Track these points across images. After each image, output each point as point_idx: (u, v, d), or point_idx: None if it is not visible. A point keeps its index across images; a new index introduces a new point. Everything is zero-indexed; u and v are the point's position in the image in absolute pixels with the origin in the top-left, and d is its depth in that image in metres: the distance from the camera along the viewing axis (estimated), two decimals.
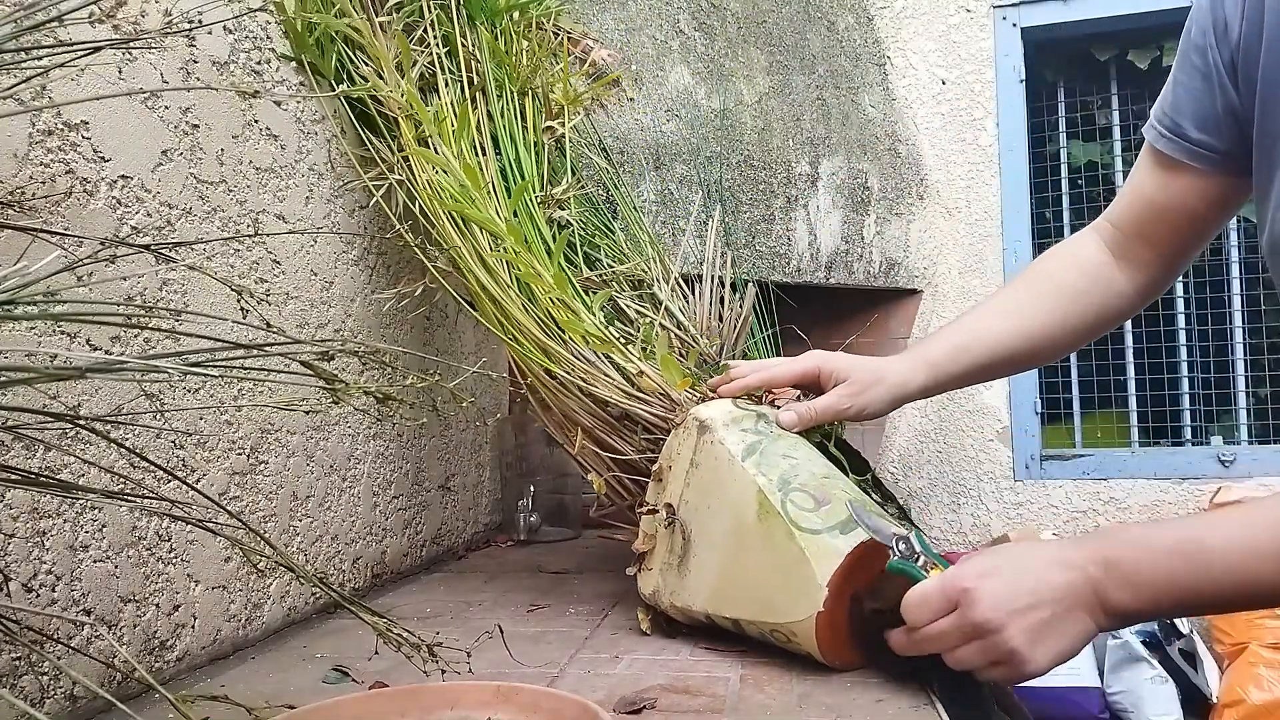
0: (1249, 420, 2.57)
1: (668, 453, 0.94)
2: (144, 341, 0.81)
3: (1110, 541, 0.73)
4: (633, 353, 1.00)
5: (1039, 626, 0.70)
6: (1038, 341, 0.98)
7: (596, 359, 1.00)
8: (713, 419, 0.91)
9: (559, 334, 1.02)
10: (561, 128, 1.24)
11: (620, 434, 1.00)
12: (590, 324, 1.01)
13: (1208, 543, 0.69)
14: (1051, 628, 0.71)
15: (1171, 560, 0.69)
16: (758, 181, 2.02)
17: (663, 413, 0.97)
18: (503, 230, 1.04)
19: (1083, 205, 2.66)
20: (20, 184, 0.71)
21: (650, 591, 0.95)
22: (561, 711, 0.63)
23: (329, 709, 0.63)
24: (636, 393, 0.98)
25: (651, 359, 0.99)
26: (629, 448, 0.99)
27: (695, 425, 0.92)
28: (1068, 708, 2.10)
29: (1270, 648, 1.99)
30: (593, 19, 1.69)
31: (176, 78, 0.89)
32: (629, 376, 0.99)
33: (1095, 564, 0.71)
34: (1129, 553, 0.71)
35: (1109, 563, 0.71)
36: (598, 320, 1.03)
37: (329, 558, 1.12)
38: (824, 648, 0.80)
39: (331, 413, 1.12)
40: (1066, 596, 0.71)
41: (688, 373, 0.99)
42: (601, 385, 0.99)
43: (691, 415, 0.93)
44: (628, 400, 0.98)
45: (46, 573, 0.72)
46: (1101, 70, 2.64)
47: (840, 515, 0.82)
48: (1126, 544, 0.72)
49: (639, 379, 0.98)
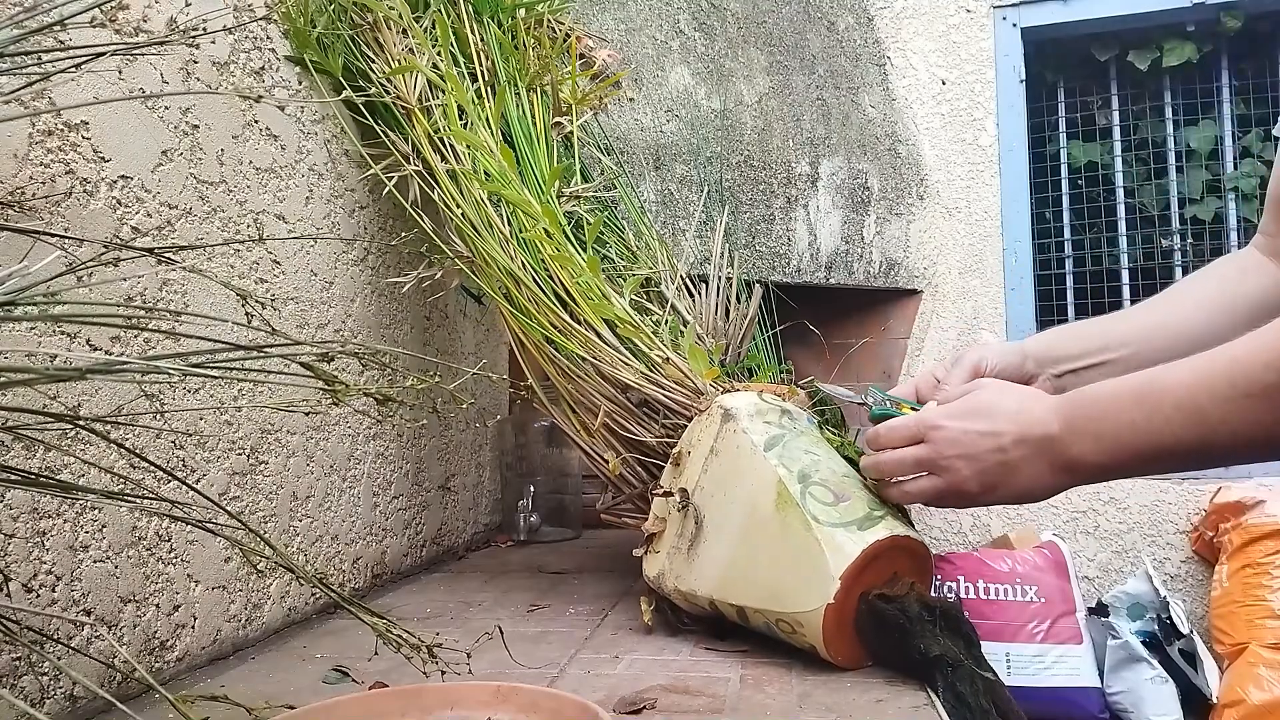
0: None
1: (688, 438, 0.95)
2: (144, 342, 0.81)
3: (1077, 395, 0.73)
4: (659, 339, 1.01)
5: (991, 475, 0.74)
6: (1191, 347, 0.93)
7: (620, 344, 1.02)
8: (737, 409, 0.92)
9: (585, 319, 1.03)
10: (570, 125, 1.24)
11: (638, 420, 1.01)
12: (619, 309, 1.03)
13: (1160, 384, 0.68)
14: (1005, 479, 0.74)
15: (1128, 405, 0.68)
16: (758, 181, 2.02)
17: (685, 399, 0.97)
18: (538, 212, 1.05)
19: (1083, 205, 2.67)
20: (20, 184, 0.72)
21: (655, 574, 0.95)
22: (561, 711, 0.63)
23: (329, 709, 0.63)
24: (661, 378, 0.99)
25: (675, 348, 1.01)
26: (646, 433, 1.00)
27: (719, 413, 0.93)
28: (1068, 708, 2.10)
29: (1270, 648, 1.99)
30: (593, 19, 1.69)
31: (177, 78, 0.89)
32: (652, 364, 1.00)
33: (1058, 416, 0.72)
34: (1088, 402, 0.71)
35: (1070, 414, 0.72)
36: (627, 306, 1.04)
37: (329, 558, 1.12)
38: (829, 641, 0.80)
39: (331, 413, 1.12)
40: (1024, 452, 0.73)
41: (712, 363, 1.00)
42: (625, 370, 1.00)
43: (717, 403, 0.94)
44: (651, 386, 0.99)
45: (46, 573, 0.72)
46: (1101, 70, 2.64)
47: (858, 513, 0.82)
48: (1088, 394, 0.72)
49: (664, 366, 0.99)
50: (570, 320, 1.04)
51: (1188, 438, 0.66)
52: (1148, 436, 0.68)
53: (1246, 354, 0.64)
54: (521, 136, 1.16)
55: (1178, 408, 0.66)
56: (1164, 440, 0.67)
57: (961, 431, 0.77)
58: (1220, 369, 0.65)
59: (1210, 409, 0.65)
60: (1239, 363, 0.64)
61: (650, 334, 1.02)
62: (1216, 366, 0.65)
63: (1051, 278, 2.64)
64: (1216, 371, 0.65)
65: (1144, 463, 0.70)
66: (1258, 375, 0.63)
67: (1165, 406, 0.66)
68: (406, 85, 1.15)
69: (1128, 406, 0.69)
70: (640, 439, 1.00)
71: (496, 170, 1.08)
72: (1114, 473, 0.72)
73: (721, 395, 0.95)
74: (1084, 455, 0.71)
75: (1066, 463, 0.72)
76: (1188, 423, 0.66)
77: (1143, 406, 0.68)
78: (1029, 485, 0.74)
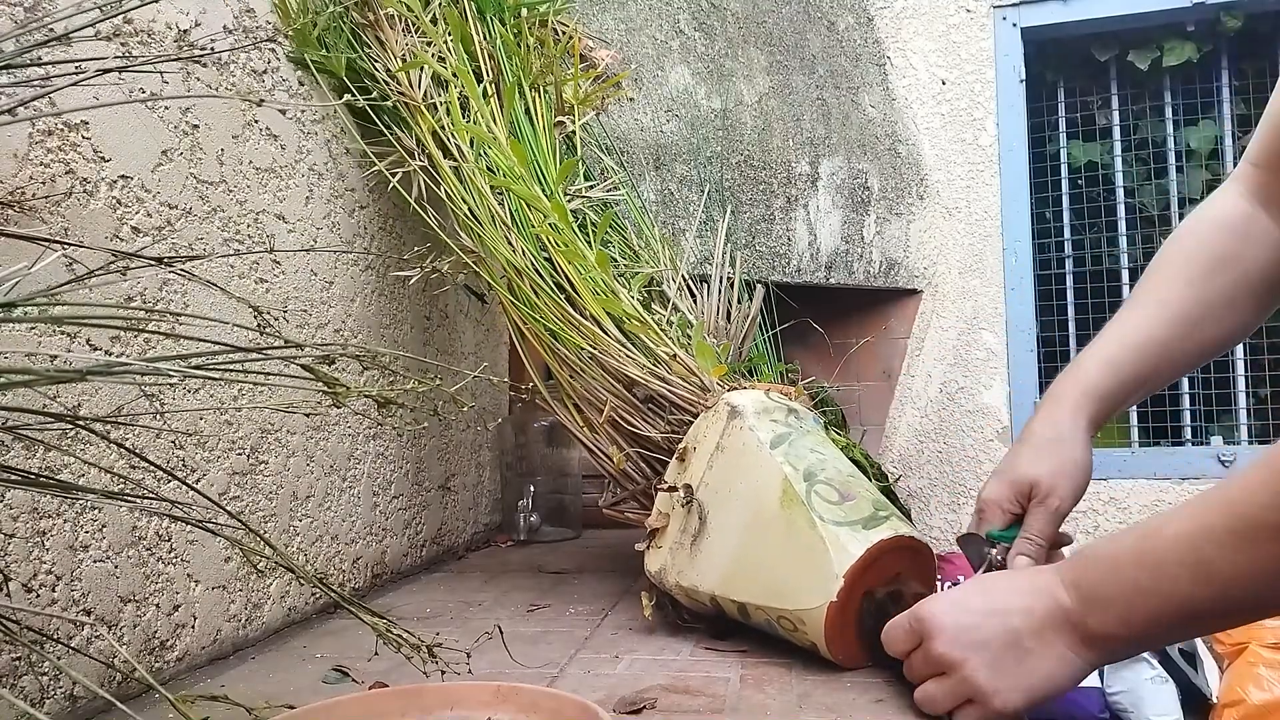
0: (1249, 420, 2.57)
1: (694, 434, 0.95)
2: (144, 342, 0.81)
3: (1078, 561, 0.65)
4: (667, 335, 1.01)
5: (1004, 659, 0.64)
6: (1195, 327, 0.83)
7: (628, 340, 1.02)
8: (744, 406, 0.92)
9: (591, 313, 1.04)
10: (571, 124, 1.24)
11: (643, 416, 1.02)
12: (628, 304, 1.03)
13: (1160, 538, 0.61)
14: (1020, 660, 0.64)
15: (1129, 567, 0.61)
16: (758, 181, 2.02)
17: (691, 396, 0.98)
18: (548, 207, 1.06)
19: (1083, 205, 2.67)
20: (20, 184, 0.71)
21: (657, 569, 0.95)
22: (561, 711, 0.63)
23: (329, 709, 0.63)
24: (668, 374, 0.99)
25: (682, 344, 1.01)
26: (652, 429, 1.00)
27: (726, 410, 0.93)
28: (1068, 707, 2.10)
29: (1270, 648, 1.99)
30: (593, 19, 1.69)
31: (177, 79, 0.89)
32: (659, 359, 1.00)
33: (1066, 588, 0.64)
34: (1092, 570, 0.63)
35: (1078, 585, 0.63)
36: (635, 302, 1.04)
37: (329, 558, 1.12)
38: (830, 639, 0.80)
39: (331, 413, 1.12)
40: (1033, 625, 0.64)
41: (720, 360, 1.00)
42: (630, 365, 1.00)
43: (724, 400, 0.94)
44: (658, 381, 0.99)
45: (46, 573, 0.72)
46: (1101, 70, 2.64)
47: (863, 512, 0.83)
48: (1090, 560, 0.64)
49: (672, 362, 0.99)
50: (576, 314, 1.04)
51: (1199, 595, 0.59)
52: (1159, 600, 0.60)
53: (1243, 495, 0.57)
54: (527, 134, 1.17)
55: (1181, 564, 0.59)
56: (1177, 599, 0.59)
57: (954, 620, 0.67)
58: (1216, 516, 0.58)
59: (1216, 560, 0.57)
60: (1237, 506, 0.57)
61: (658, 330, 1.02)
62: (1211, 513, 0.59)
63: (1051, 278, 2.64)
64: (1212, 519, 0.58)
65: (1165, 629, 0.62)
66: (1256, 516, 0.56)
67: (1169, 564, 0.59)
68: (412, 82, 1.15)
69: (1125, 569, 0.61)
70: (645, 435, 1.01)
71: (505, 165, 1.09)
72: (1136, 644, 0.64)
73: (728, 393, 0.95)
74: (1102, 626, 0.62)
75: (1085, 636, 0.63)
76: (1196, 578, 0.58)
77: (1145, 566, 0.60)
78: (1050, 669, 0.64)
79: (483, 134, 1.10)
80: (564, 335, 1.04)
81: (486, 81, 1.18)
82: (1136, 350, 0.83)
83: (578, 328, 1.04)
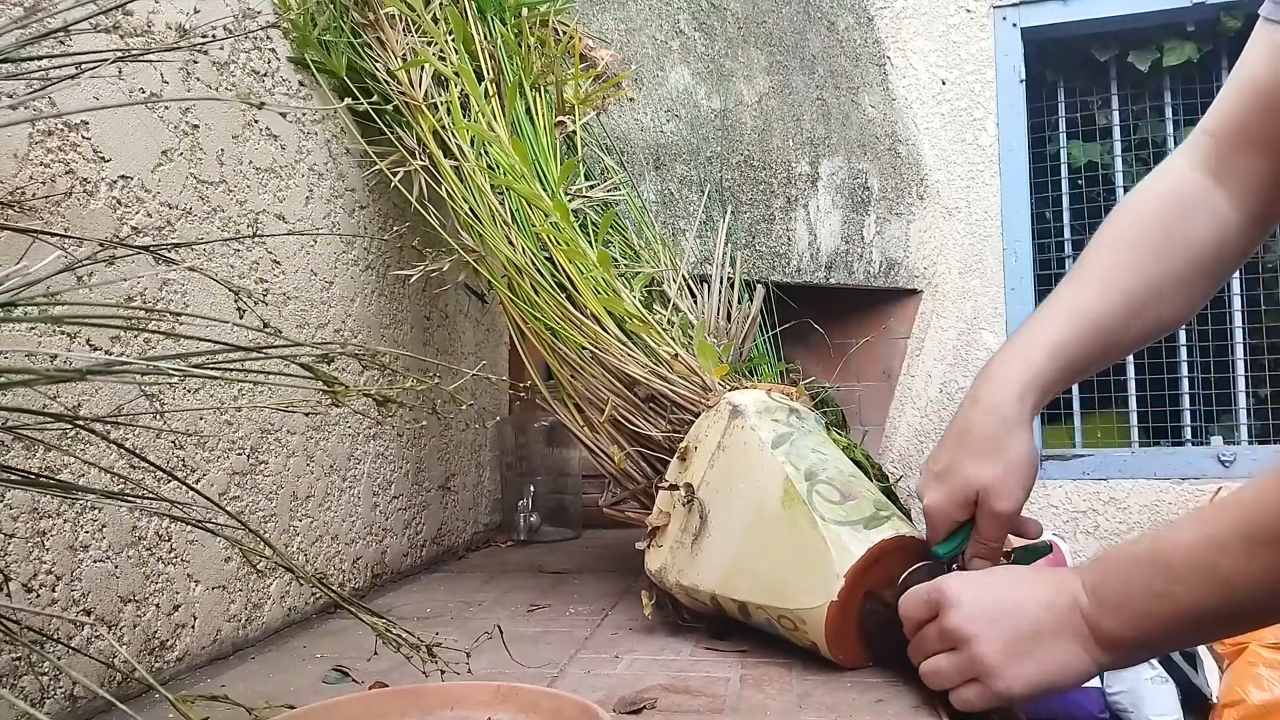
0: (1249, 420, 2.57)
1: (695, 434, 0.95)
2: (144, 342, 0.81)
3: (1098, 565, 0.66)
4: (668, 335, 1.01)
5: (1017, 644, 0.65)
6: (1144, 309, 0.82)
7: (629, 339, 1.02)
8: (746, 405, 0.92)
9: (592, 312, 1.04)
10: (572, 124, 1.25)
11: (644, 415, 1.02)
12: (630, 304, 1.03)
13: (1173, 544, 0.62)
14: (1032, 650, 0.65)
15: (1144, 571, 0.62)
16: (758, 181, 2.02)
17: (693, 395, 0.98)
18: (549, 206, 1.06)
19: (1083, 205, 2.67)
20: (20, 184, 0.72)
21: (657, 568, 0.95)
22: (561, 711, 0.63)
23: (329, 709, 0.63)
24: (669, 374, 1.00)
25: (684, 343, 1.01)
26: (653, 429, 1.00)
27: (728, 409, 0.93)
28: (1068, 707, 2.10)
29: (1270, 647, 1.99)
30: (593, 19, 1.69)
31: (177, 79, 0.89)
32: (660, 359, 1.00)
33: (1083, 589, 0.65)
34: (1109, 574, 0.65)
35: (1094, 587, 0.64)
36: (637, 301, 1.04)
37: (329, 558, 1.12)
38: (830, 639, 0.80)
39: (331, 413, 1.12)
40: (1052, 619, 0.65)
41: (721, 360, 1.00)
42: (633, 365, 1.00)
43: (725, 400, 0.94)
44: (659, 380, 0.99)
45: (46, 573, 0.72)
46: (1101, 70, 2.64)
47: (865, 512, 0.83)
48: (1107, 564, 0.66)
49: (673, 361, 0.99)
50: (577, 313, 1.04)
51: (1211, 601, 0.60)
52: (1172, 605, 0.61)
53: (1255, 502, 0.58)
54: (528, 134, 1.17)
55: (1191, 568, 0.60)
56: (1189, 605, 0.60)
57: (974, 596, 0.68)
58: (1229, 523, 0.59)
59: (1227, 566, 0.58)
60: (1249, 513, 0.58)
61: (659, 330, 1.02)
62: (1224, 519, 0.60)
63: (1051, 278, 2.64)
64: (1225, 525, 0.59)
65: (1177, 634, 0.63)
66: (1268, 523, 0.57)
67: (1182, 570, 0.60)
68: (413, 81, 1.15)
69: (1138, 572, 0.63)
70: (646, 434, 1.01)
71: (507, 164, 1.09)
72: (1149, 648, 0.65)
73: (730, 392, 0.95)
74: (1116, 630, 0.63)
75: (1099, 638, 0.64)
76: (1208, 584, 0.59)
77: (1157, 571, 0.62)
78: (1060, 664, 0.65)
79: (484, 133, 1.10)
80: (565, 334, 1.04)
81: (487, 81, 1.18)
82: (1083, 335, 0.81)
83: (579, 326, 1.04)
